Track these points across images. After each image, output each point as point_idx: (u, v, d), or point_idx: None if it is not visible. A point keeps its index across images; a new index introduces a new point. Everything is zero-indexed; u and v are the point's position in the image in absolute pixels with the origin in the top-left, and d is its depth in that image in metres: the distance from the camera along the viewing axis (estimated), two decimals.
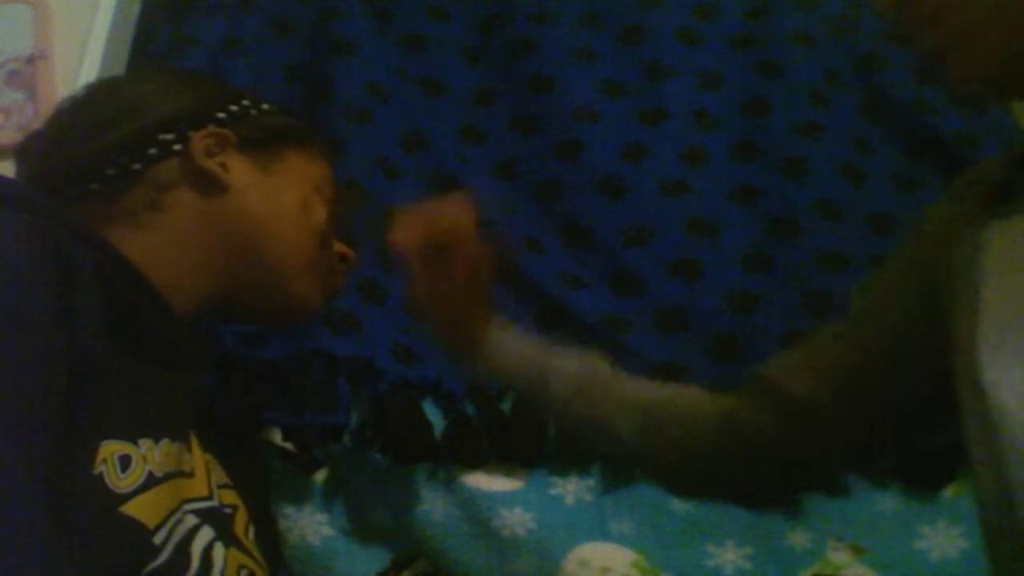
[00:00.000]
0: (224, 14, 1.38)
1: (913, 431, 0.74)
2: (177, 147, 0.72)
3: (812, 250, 1.26)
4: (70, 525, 0.52)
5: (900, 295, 0.71)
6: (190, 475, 0.68)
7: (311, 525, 1.12)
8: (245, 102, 0.77)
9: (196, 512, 0.65)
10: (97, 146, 0.70)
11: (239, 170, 0.73)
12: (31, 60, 1.30)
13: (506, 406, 1.15)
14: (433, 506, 1.13)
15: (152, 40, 1.38)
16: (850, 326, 0.76)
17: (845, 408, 0.74)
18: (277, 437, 1.10)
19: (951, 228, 0.62)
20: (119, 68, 1.31)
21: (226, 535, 0.68)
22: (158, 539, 0.58)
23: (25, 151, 0.75)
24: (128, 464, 0.58)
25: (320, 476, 1.14)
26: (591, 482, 1.15)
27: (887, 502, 1.14)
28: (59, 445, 0.51)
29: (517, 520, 1.12)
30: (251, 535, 0.73)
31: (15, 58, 1.30)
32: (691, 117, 1.38)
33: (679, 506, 1.14)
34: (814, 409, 0.75)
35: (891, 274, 0.74)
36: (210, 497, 0.70)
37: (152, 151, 0.71)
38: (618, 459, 0.90)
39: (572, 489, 1.15)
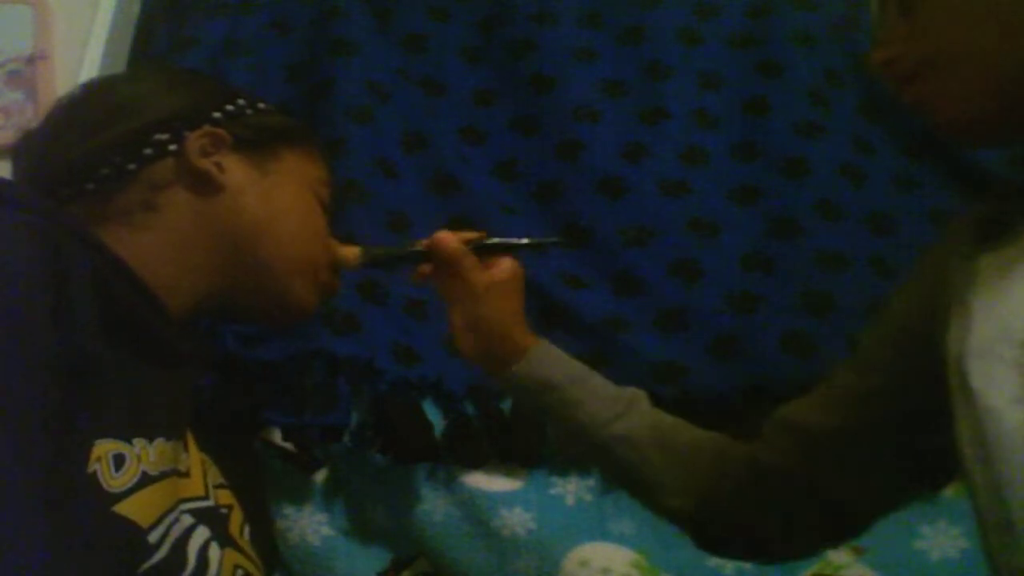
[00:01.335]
0: (224, 14, 1.38)
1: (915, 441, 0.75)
2: (172, 147, 0.71)
3: (812, 250, 1.27)
4: (66, 525, 0.52)
5: (902, 325, 0.74)
6: (186, 475, 0.68)
7: (311, 525, 1.12)
8: (241, 101, 0.76)
9: (192, 512, 0.65)
10: (92, 146, 0.70)
11: (234, 170, 0.73)
12: (31, 60, 1.30)
13: (506, 406, 1.16)
14: (433, 506, 1.13)
15: (152, 40, 1.38)
16: (858, 358, 0.78)
17: (856, 432, 0.75)
18: (277, 437, 1.10)
19: (948, 260, 0.66)
20: (119, 68, 1.31)
21: (221, 535, 0.68)
22: (153, 538, 0.58)
23: (20, 150, 0.74)
24: (122, 463, 0.58)
25: (320, 476, 1.14)
26: (591, 482, 1.16)
27: None
28: (55, 444, 0.51)
29: (517, 520, 1.12)
30: (246, 535, 0.73)
31: (15, 58, 1.30)
32: (691, 117, 1.38)
33: None
34: (828, 437, 0.77)
35: (894, 306, 0.77)
36: (206, 497, 0.70)
37: (147, 151, 0.71)
38: (637, 490, 0.87)
39: (572, 489, 1.16)
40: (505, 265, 0.86)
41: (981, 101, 0.62)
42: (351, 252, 0.85)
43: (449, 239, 0.85)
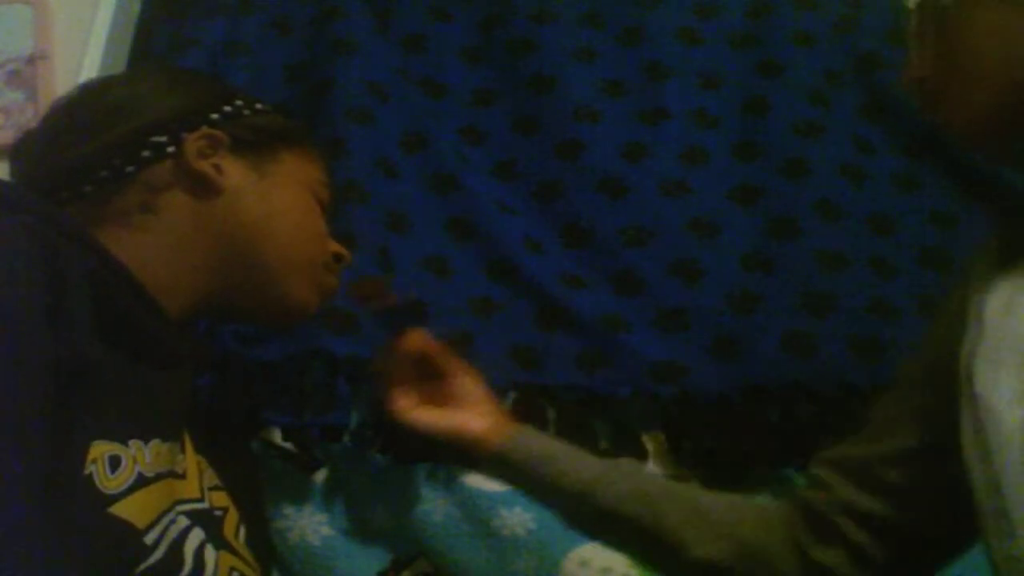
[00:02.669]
0: (224, 14, 1.38)
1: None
2: (170, 149, 0.71)
3: (812, 250, 1.27)
4: (63, 526, 0.52)
5: (932, 356, 0.76)
6: (182, 476, 0.68)
7: (311, 525, 1.12)
8: (239, 102, 0.76)
9: (187, 513, 0.65)
10: (90, 148, 0.70)
11: (233, 172, 0.73)
12: (31, 60, 1.30)
13: (505, 406, 1.15)
14: (433, 506, 1.13)
15: (152, 40, 1.38)
16: (893, 386, 0.79)
17: (893, 457, 0.76)
18: (277, 437, 1.10)
19: (967, 291, 0.70)
20: (119, 68, 1.31)
21: (216, 537, 0.68)
22: (150, 539, 0.58)
23: (18, 152, 0.74)
24: (118, 465, 0.58)
25: (320, 476, 1.14)
26: None
27: None
28: (52, 446, 0.51)
29: (517, 520, 1.12)
30: (242, 537, 0.73)
31: (15, 58, 1.30)
32: (691, 117, 1.38)
33: None
34: (865, 463, 0.77)
35: (927, 338, 0.79)
36: (201, 499, 0.70)
37: (145, 153, 0.71)
38: (654, 546, 0.83)
39: None
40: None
41: (985, 111, 0.69)
42: None
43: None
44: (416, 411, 0.89)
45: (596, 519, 0.85)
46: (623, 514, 0.83)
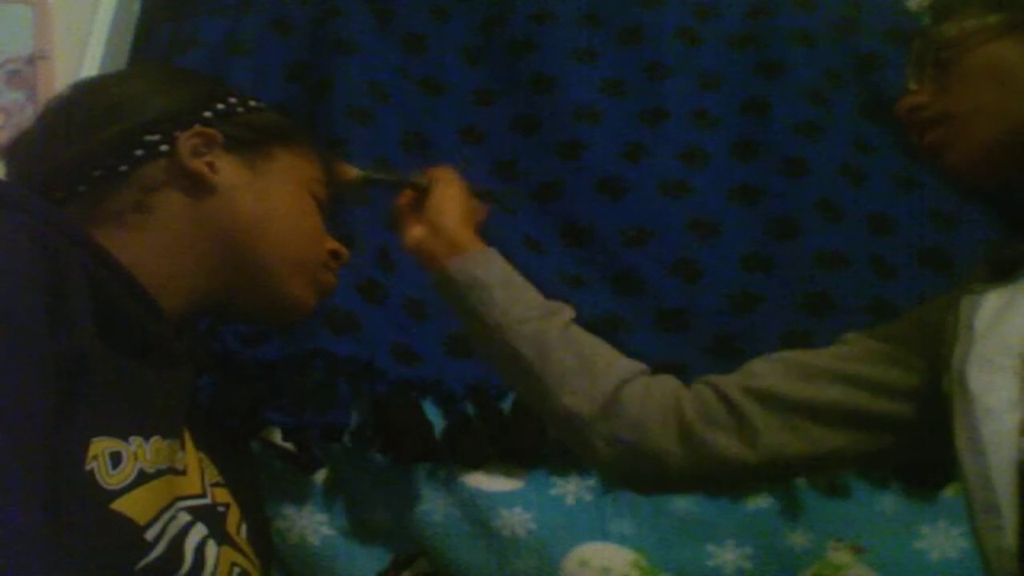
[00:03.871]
0: (224, 14, 1.38)
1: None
2: (163, 148, 0.71)
3: (812, 250, 1.27)
4: (64, 522, 0.52)
5: (908, 338, 0.81)
6: (183, 473, 0.68)
7: (311, 525, 1.12)
8: (232, 100, 0.76)
9: (189, 510, 0.65)
10: (83, 148, 0.70)
11: (227, 170, 0.73)
12: (31, 60, 1.30)
13: (506, 406, 1.16)
14: (433, 506, 1.13)
15: (152, 40, 1.38)
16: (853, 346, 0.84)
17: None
18: (277, 437, 1.10)
19: (960, 297, 0.74)
20: (119, 68, 1.31)
21: (218, 533, 0.68)
22: (150, 535, 0.58)
23: (13, 151, 0.74)
24: (119, 461, 0.58)
25: (320, 476, 1.14)
26: (591, 482, 1.16)
27: (887, 502, 1.14)
28: (52, 443, 0.51)
29: (517, 520, 1.12)
30: (243, 533, 0.73)
31: (15, 58, 1.30)
32: (691, 117, 1.38)
33: (679, 506, 1.14)
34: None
35: (905, 321, 0.84)
36: (203, 495, 0.70)
37: (138, 152, 0.71)
38: (532, 390, 0.86)
39: (572, 489, 1.16)
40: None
41: (980, 151, 0.74)
42: (351, 171, 0.91)
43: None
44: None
45: (494, 354, 0.87)
46: (516, 355, 0.84)
